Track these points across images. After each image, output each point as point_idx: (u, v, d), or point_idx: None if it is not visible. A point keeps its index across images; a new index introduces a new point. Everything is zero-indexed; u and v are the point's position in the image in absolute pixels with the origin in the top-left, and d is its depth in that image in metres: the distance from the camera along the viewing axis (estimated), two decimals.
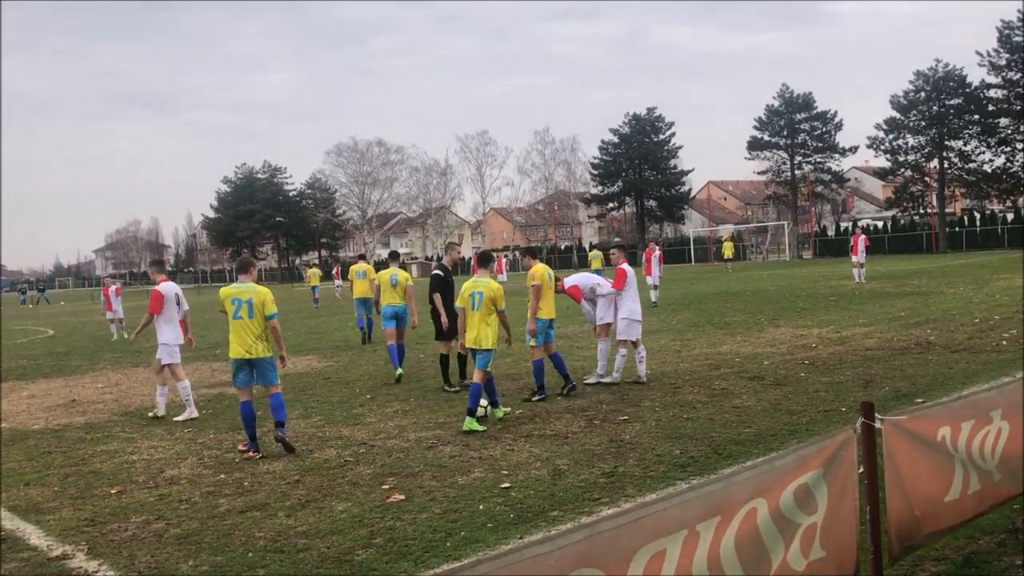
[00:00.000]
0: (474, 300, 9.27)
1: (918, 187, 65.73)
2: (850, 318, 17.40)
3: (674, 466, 7.04)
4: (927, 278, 28.53)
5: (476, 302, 9.26)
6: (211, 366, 16.14)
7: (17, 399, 13.26)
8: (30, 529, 6.41)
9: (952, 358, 11.50)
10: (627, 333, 11.22)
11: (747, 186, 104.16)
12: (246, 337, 8.44)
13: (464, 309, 9.38)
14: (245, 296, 8.48)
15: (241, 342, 8.47)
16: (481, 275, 9.58)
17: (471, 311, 9.29)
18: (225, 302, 8.55)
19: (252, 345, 8.44)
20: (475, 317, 9.26)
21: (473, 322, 9.27)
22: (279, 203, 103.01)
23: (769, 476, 3.56)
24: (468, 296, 9.33)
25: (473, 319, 9.28)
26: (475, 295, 9.29)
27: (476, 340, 9.23)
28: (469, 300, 9.31)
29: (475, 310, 9.26)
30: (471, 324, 9.28)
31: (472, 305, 9.29)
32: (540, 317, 10.37)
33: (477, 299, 9.26)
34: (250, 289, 8.56)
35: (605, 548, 2.94)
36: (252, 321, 8.46)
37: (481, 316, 9.23)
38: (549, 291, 10.51)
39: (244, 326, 8.45)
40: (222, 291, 8.70)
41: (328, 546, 5.62)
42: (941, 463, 4.39)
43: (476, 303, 9.26)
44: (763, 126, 76.89)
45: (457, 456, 7.82)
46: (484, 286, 9.33)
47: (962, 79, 62.38)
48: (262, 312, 8.49)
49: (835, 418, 8.33)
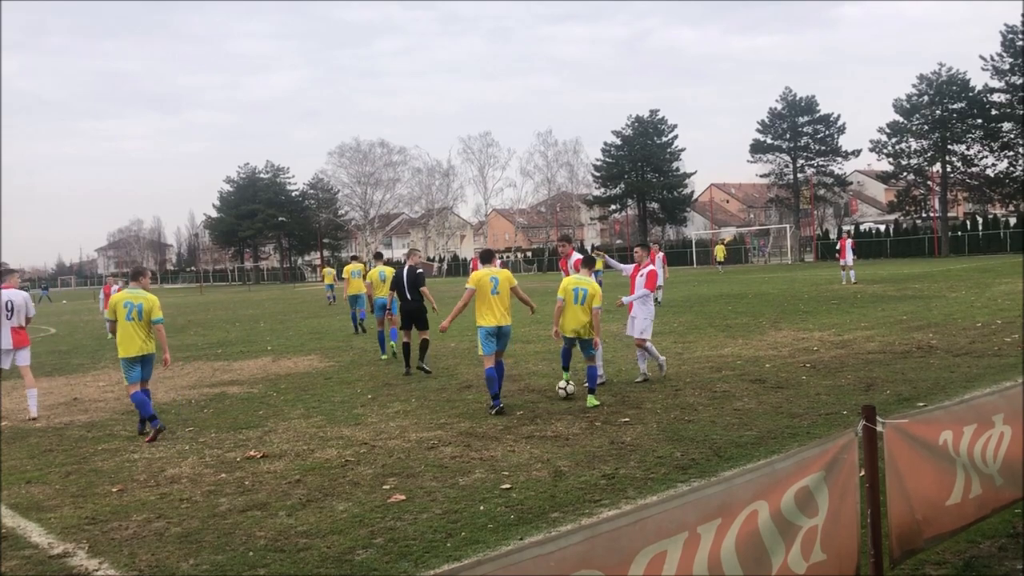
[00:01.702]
0: (577, 295, 10.11)
1: (921, 191, 65.68)
2: (852, 321, 17.39)
3: (675, 468, 7.04)
4: (929, 282, 28.51)
5: (580, 297, 10.09)
6: (212, 365, 16.16)
7: (19, 397, 13.25)
8: (31, 527, 6.42)
9: (954, 362, 11.49)
10: (647, 332, 11.50)
11: (749, 189, 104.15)
12: (137, 338, 9.49)
13: (565, 301, 10.16)
14: (136, 301, 9.55)
15: (134, 341, 9.51)
16: (584, 274, 10.36)
17: (572, 304, 10.13)
18: (118, 306, 9.53)
19: (143, 344, 9.52)
20: (577, 311, 10.13)
21: (575, 315, 10.14)
22: (281, 203, 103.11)
23: (770, 479, 3.56)
24: (572, 290, 10.15)
25: (576, 312, 10.13)
26: (579, 291, 10.12)
27: (578, 331, 10.17)
28: (573, 294, 10.13)
29: (577, 304, 10.10)
30: (573, 317, 10.15)
31: (576, 299, 10.11)
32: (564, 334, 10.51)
33: (581, 295, 10.10)
34: (141, 295, 9.62)
35: (606, 549, 2.94)
36: (141, 324, 9.51)
37: (583, 310, 10.09)
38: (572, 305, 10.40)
39: (136, 327, 9.48)
40: (114, 297, 9.74)
41: (329, 546, 5.63)
42: (943, 467, 4.39)
43: (580, 298, 10.09)
44: (766, 129, 76.89)
45: (458, 457, 7.82)
46: (588, 284, 10.17)
47: (965, 83, 62.32)
48: (149, 316, 9.53)
49: (836, 421, 8.33)
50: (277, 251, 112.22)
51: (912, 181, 65.88)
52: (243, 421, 10.21)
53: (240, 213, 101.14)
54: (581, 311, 10.11)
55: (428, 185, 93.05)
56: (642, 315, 11.46)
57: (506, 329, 10.09)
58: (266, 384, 13.23)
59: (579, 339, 10.25)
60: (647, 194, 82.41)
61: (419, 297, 13.59)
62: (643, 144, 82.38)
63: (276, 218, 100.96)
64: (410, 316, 13.63)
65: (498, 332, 10.00)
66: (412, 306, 13.57)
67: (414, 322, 13.61)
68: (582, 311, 10.11)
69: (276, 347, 19.04)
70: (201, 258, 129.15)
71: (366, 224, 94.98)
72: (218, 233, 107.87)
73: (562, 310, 10.19)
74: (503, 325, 10.01)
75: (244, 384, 13.37)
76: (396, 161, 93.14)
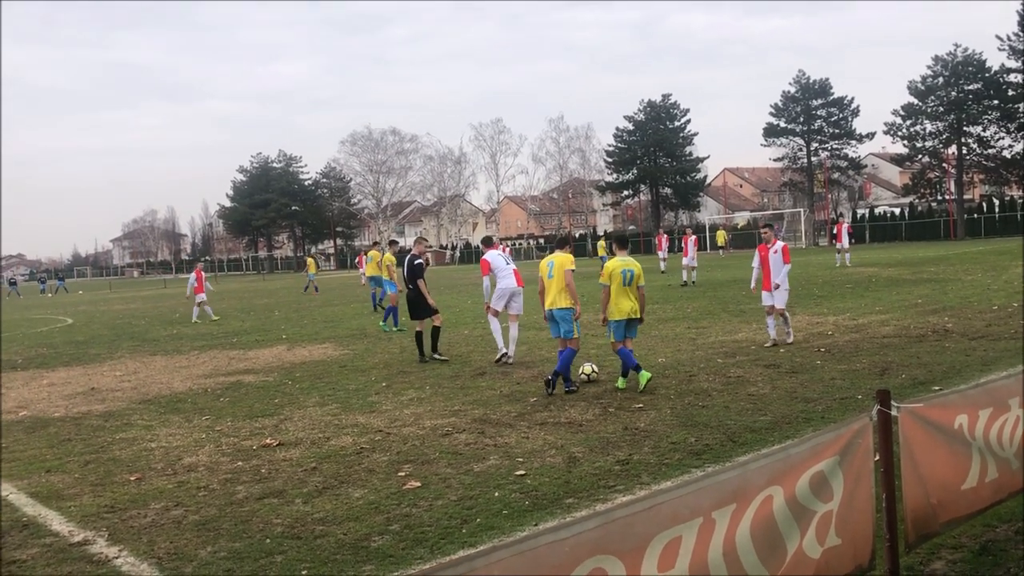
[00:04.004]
0: (625, 277, 9.96)
1: (936, 173, 65.17)
2: (866, 305, 17.31)
3: (689, 454, 7.04)
4: (945, 265, 28.33)
5: (627, 278, 9.96)
6: (227, 354, 16.25)
7: (37, 387, 13.40)
8: (52, 515, 6.49)
9: (970, 346, 11.42)
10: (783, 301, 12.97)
11: (763, 173, 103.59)
12: None
13: (613, 284, 10.00)
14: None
15: None
16: (624, 255, 10.24)
17: (623, 287, 9.98)
18: None
19: None
20: (626, 292, 10.00)
21: (626, 297, 10.00)
22: (294, 192, 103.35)
23: (785, 464, 3.56)
24: (620, 273, 9.96)
25: (626, 294, 10.00)
26: (626, 272, 9.96)
27: (633, 311, 10.01)
28: (621, 276, 9.95)
29: (627, 286, 9.98)
30: (624, 299, 9.99)
31: (624, 281, 9.97)
32: None
33: (628, 276, 9.96)
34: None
35: (620, 535, 2.95)
36: None
37: (632, 291, 10.02)
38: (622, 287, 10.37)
39: None
40: None
41: (345, 532, 5.67)
42: (958, 451, 4.37)
43: (627, 279, 9.96)
44: (779, 112, 76.37)
45: (472, 444, 7.85)
46: (633, 264, 10.06)
47: (981, 64, 61.70)
48: None
49: (851, 406, 8.30)
50: (291, 240, 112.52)
51: (927, 163, 65.38)
52: (259, 409, 10.27)
53: (253, 202, 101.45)
54: (630, 292, 10.02)
55: (440, 173, 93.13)
56: (784, 287, 12.92)
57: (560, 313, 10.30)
58: (281, 372, 13.30)
59: (628, 321, 10.06)
60: (660, 179, 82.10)
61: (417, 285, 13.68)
62: (655, 129, 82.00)
63: (289, 207, 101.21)
64: (412, 305, 13.75)
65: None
66: (412, 295, 13.72)
67: (418, 311, 13.66)
68: (631, 292, 10.03)
69: (291, 336, 19.13)
70: (215, 247, 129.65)
71: (379, 212, 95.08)
72: (232, 222, 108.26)
73: (610, 295, 10.04)
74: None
75: (259, 373, 13.45)
76: (408, 149, 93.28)
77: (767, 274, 13.02)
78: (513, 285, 13.14)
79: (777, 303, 12.91)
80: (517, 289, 13.12)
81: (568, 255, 10.70)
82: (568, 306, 10.28)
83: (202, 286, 25.60)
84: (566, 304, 10.29)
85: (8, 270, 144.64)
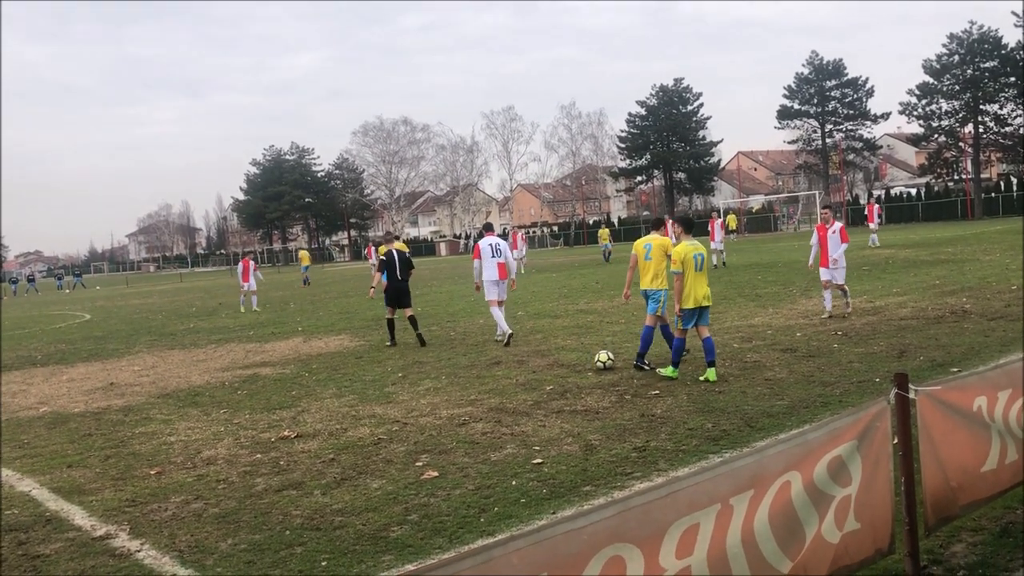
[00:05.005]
0: (698, 262, 9.51)
1: (952, 153, 64.61)
2: (884, 287, 17.20)
3: (706, 440, 7.02)
4: (962, 245, 28.09)
5: (699, 263, 9.52)
6: (244, 347, 16.34)
7: (57, 383, 13.52)
8: (74, 510, 6.55)
9: (988, 326, 11.33)
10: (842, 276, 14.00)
11: (777, 156, 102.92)
12: None
13: (686, 271, 9.46)
14: None
15: None
16: (690, 239, 9.71)
17: (695, 272, 9.49)
18: None
19: None
20: (699, 278, 9.53)
21: (700, 283, 9.52)
22: (308, 184, 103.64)
23: (803, 449, 3.55)
24: (692, 258, 9.48)
25: (700, 280, 9.52)
26: (698, 257, 9.51)
27: (707, 297, 9.58)
28: (693, 262, 9.48)
29: (700, 271, 9.53)
30: (698, 285, 9.49)
31: (697, 266, 9.50)
32: None
33: (700, 260, 9.53)
34: None
35: (638, 523, 2.95)
36: None
37: (705, 276, 9.61)
38: None
39: None
40: None
41: (364, 523, 5.69)
42: (977, 433, 4.34)
43: (699, 264, 9.52)
44: (793, 94, 75.85)
45: (489, 433, 7.86)
46: (701, 248, 9.64)
47: (997, 41, 61.01)
48: None
49: (869, 389, 8.26)
50: (305, 232, 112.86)
51: (943, 143, 64.80)
52: (276, 402, 10.32)
53: (267, 195, 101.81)
54: (703, 277, 9.58)
55: (452, 162, 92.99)
56: (841, 263, 13.91)
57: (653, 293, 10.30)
58: (298, 364, 13.36)
59: (700, 308, 9.56)
60: (673, 164, 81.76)
61: (407, 278, 14.79)
62: (668, 114, 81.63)
63: (303, 199, 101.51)
64: (398, 295, 14.69)
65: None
66: (402, 286, 14.70)
67: (400, 300, 14.68)
68: (703, 277, 9.59)
69: (307, 328, 19.21)
70: (230, 241, 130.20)
71: (392, 203, 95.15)
72: (246, 216, 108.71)
73: (684, 282, 9.48)
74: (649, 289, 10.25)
75: (276, 365, 13.51)
76: (420, 139, 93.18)
77: (825, 252, 14.00)
78: (494, 276, 13.96)
79: (836, 278, 13.87)
80: (499, 281, 14.02)
81: (666, 239, 10.55)
82: (663, 287, 10.19)
83: (248, 275, 26.02)
84: (662, 286, 10.19)
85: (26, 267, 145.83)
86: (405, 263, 14.81)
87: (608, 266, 35.87)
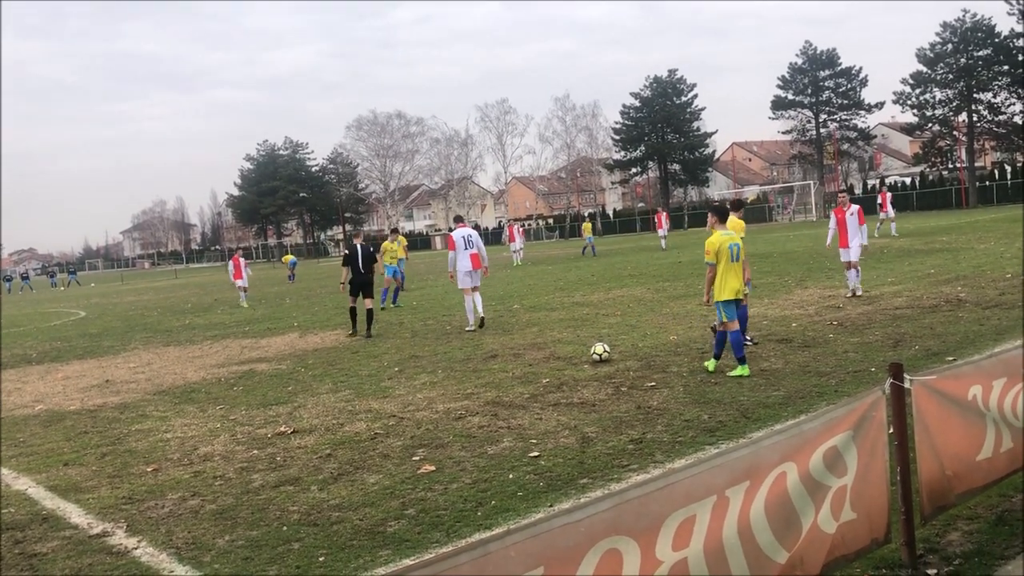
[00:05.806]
0: (733, 252, 9.19)
1: (946, 141, 64.65)
2: (879, 277, 17.23)
3: (703, 431, 7.03)
4: (957, 234, 28.14)
5: (735, 254, 9.21)
6: (240, 343, 16.31)
7: (52, 380, 13.49)
8: (70, 508, 6.54)
9: (983, 315, 11.36)
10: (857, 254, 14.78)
11: (772, 146, 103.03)
12: None
13: (720, 262, 9.16)
14: None
15: None
16: (726, 230, 9.38)
17: (731, 263, 9.17)
18: None
19: None
20: (734, 269, 9.20)
21: (735, 274, 9.19)
22: (302, 179, 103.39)
23: (798, 439, 3.55)
24: (727, 248, 9.15)
25: (735, 271, 9.20)
26: (733, 247, 9.21)
27: (739, 291, 9.24)
28: (728, 253, 9.15)
29: (735, 262, 9.21)
30: (733, 276, 9.17)
31: (732, 257, 9.18)
32: None
33: (736, 251, 9.21)
34: None
35: (635, 515, 2.95)
36: None
37: (739, 267, 9.27)
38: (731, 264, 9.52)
39: None
40: None
41: (361, 518, 5.69)
42: (972, 422, 4.35)
43: (735, 255, 9.21)
44: (787, 84, 75.85)
45: (486, 426, 7.87)
46: (736, 238, 9.35)
47: (991, 29, 61.03)
48: None
49: (864, 379, 8.27)
50: (300, 227, 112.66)
51: (937, 132, 64.85)
52: (273, 397, 10.31)
53: (261, 190, 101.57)
54: (738, 268, 9.22)
55: (447, 155, 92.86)
56: (856, 243, 14.71)
57: None
58: (294, 360, 13.34)
59: (735, 300, 9.23)
60: (668, 155, 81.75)
61: (370, 270, 15.69)
62: (662, 105, 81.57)
63: (297, 194, 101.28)
64: (361, 287, 15.61)
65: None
66: (365, 278, 15.59)
67: (363, 291, 15.63)
68: (738, 268, 9.24)
69: (303, 323, 19.19)
70: (225, 236, 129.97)
71: (386, 197, 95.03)
72: (240, 211, 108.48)
73: (716, 273, 9.18)
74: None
75: (272, 361, 13.50)
76: (414, 132, 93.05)
77: (843, 234, 14.90)
78: (467, 267, 14.71)
79: (852, 257, 14.70)
80: (473, 271, 14.83)
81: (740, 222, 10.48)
82: None
83: (240, 272, 26.47)
84: None
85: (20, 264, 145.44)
86: (368, 257, 15.68)
87: (600, 259, 35.87)
